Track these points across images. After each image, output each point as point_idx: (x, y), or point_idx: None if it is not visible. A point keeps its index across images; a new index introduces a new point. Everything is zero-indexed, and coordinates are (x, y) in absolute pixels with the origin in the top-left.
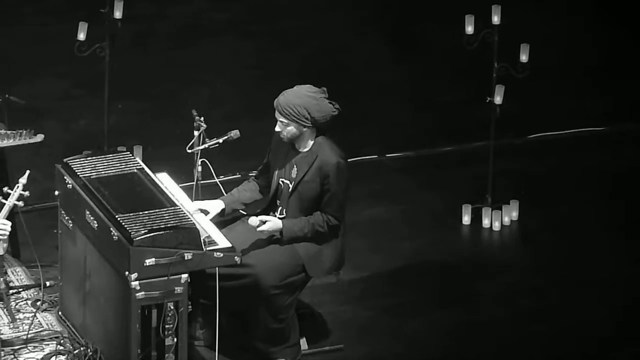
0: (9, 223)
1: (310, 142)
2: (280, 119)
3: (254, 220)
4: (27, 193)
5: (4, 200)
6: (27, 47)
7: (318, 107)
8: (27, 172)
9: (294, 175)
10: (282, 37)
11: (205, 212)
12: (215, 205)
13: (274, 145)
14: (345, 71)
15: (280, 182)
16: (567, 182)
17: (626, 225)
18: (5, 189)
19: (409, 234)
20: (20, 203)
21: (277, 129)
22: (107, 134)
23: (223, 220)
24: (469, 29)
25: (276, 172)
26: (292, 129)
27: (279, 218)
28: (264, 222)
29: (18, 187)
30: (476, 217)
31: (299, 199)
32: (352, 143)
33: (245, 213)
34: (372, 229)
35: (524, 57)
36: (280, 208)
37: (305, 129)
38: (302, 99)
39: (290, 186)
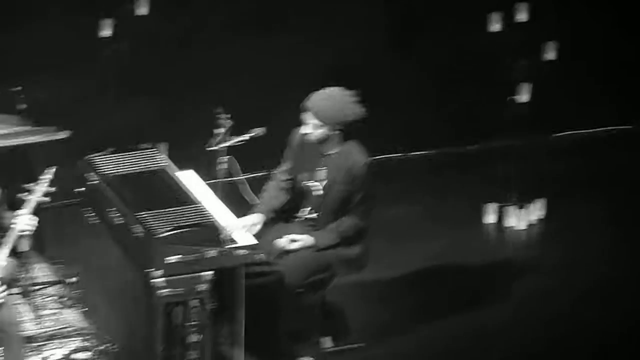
0: (35, 219)
1: (338, 145)
2: (312, 121)
3: (283, 242)
4: (52, 189)
5: (29, 196)
6: (52, 44)
7: (351, 110)
8: (53, 168)
9: (321, 177)
10: (307, 35)
11: (251, 227)
12: (258, 219)
13: (295, 147)
14: (369, 69)
15: (307, 184)
16: (592, 180)
17: None
18: (31, 184)
19: (433, 234)
20: (46, 199)
21: (306, 130)
22: (132, 131)
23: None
24: (495, 27)
25: (302, 174)
26: (322, 131)
27: (305, 220)
28: (293, 241)
29: (44, 182)
30: (501, 216)
31: (330, 201)
32: (376, 142)
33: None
34: (395, 228)
35: (548, 55)
36: (307, 209)
37: (335, 132)
38: (336, 102)
39: (319, 188)
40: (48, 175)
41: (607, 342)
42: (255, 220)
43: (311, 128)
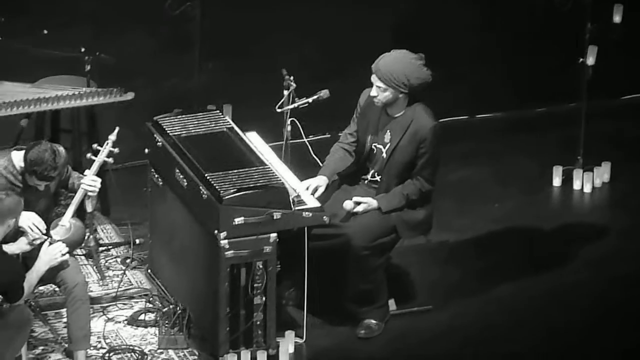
0: (99, 180)
1: (404, 107)
2: (378, 84)
3: (348, 204)
4: (116, 150)
5: (93, 157)
6: (118, 6)
7: (417, 73)
8: (117, 129)
9: (387, 140)
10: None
11: (315, 190)
12: (322, 181)
13: (362, 109)
14: (436, 32)
15: (373, 147)
16: None
17: None
18: (95, 145)
19: (499, 196)
20: (110, 160)
21: (372, 93)
22: (197, 93)
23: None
24: None
25: (368, 137)
26: (388, 94)
27: (370, 182)
28: (358, 204)
29: (107, 144)
30: (567, 179)
31: (394, 164)
32: (443, 104)
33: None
34: (462, 190)
35: (617, 18)
36: (372, 172)
37: (401, 95)
38: (402, 65)
39: (384, 151)
40: (112, 136)
41: None
42: (318, 182)
43: (377, 90)
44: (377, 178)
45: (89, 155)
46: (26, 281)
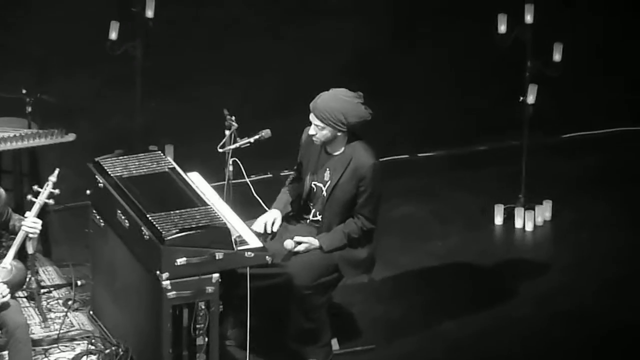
0: (40, 221)
1: (344, 145)
2: (316, 123)
3: (289, 244)
4: (57, 191)
5: (34, 199)
6: (59, 47)
7: (355, 112)
8: (57, 170)
9: (327, 178)
10: (314, 39)
11: (272, 222)
12: (277, 214)
13: (303, 148)
14: (377, 70)
15: (313, 185)
16: (600, 181)
17: None
18: (36, 187)
19: (441, 233)
20: (51, 201)
21: (311, 131)
22: (139, 133)
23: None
24: (502, 28)
25: (308, 175)
26: (326, 132)
27: (312, 221)
28: (299, 243)
29: (48, 185)
30: (509, 217)
31: (335, 203)
32: (385, 142)
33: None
34: (404, 227)
35: (557, 56)
36: (314, 211)
37: (340, 133)
38: (339, 103)
39: (324, 189)
40: (52, 177)
41: (623, 339)
42: (274, 216)
43: (315, 129)
44: (319, 217)
45: (29, 197)
46: None
